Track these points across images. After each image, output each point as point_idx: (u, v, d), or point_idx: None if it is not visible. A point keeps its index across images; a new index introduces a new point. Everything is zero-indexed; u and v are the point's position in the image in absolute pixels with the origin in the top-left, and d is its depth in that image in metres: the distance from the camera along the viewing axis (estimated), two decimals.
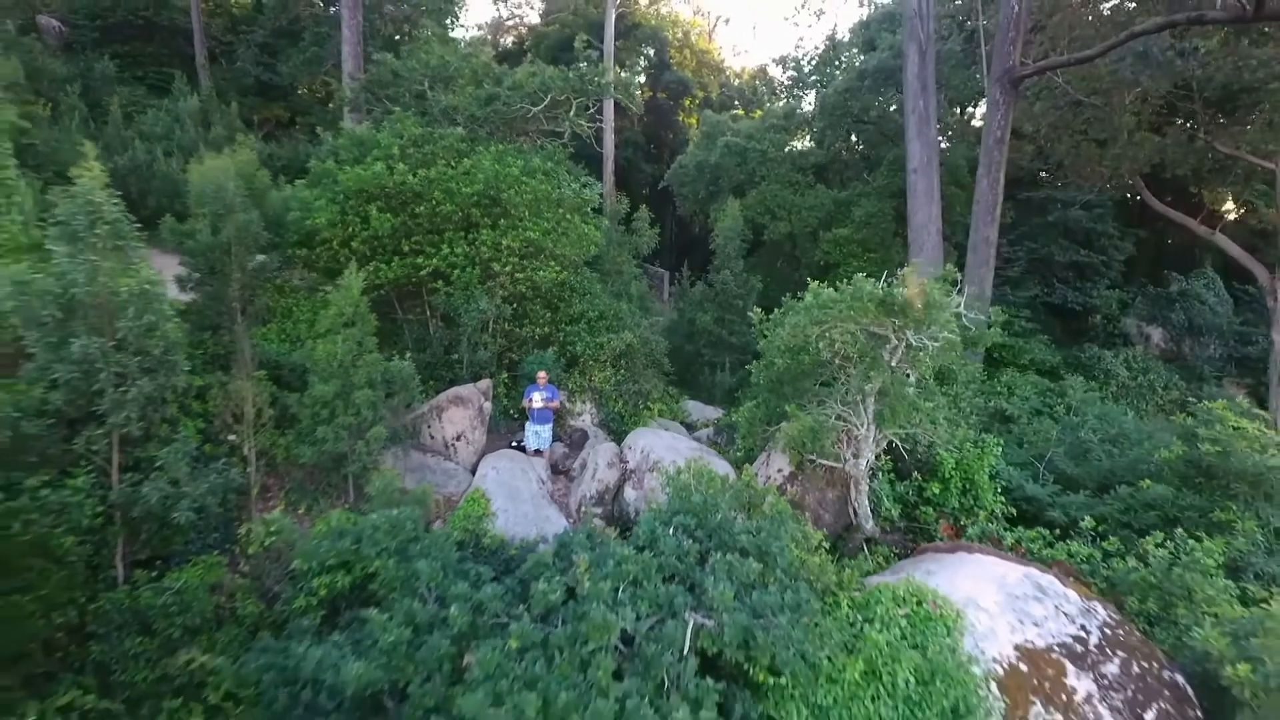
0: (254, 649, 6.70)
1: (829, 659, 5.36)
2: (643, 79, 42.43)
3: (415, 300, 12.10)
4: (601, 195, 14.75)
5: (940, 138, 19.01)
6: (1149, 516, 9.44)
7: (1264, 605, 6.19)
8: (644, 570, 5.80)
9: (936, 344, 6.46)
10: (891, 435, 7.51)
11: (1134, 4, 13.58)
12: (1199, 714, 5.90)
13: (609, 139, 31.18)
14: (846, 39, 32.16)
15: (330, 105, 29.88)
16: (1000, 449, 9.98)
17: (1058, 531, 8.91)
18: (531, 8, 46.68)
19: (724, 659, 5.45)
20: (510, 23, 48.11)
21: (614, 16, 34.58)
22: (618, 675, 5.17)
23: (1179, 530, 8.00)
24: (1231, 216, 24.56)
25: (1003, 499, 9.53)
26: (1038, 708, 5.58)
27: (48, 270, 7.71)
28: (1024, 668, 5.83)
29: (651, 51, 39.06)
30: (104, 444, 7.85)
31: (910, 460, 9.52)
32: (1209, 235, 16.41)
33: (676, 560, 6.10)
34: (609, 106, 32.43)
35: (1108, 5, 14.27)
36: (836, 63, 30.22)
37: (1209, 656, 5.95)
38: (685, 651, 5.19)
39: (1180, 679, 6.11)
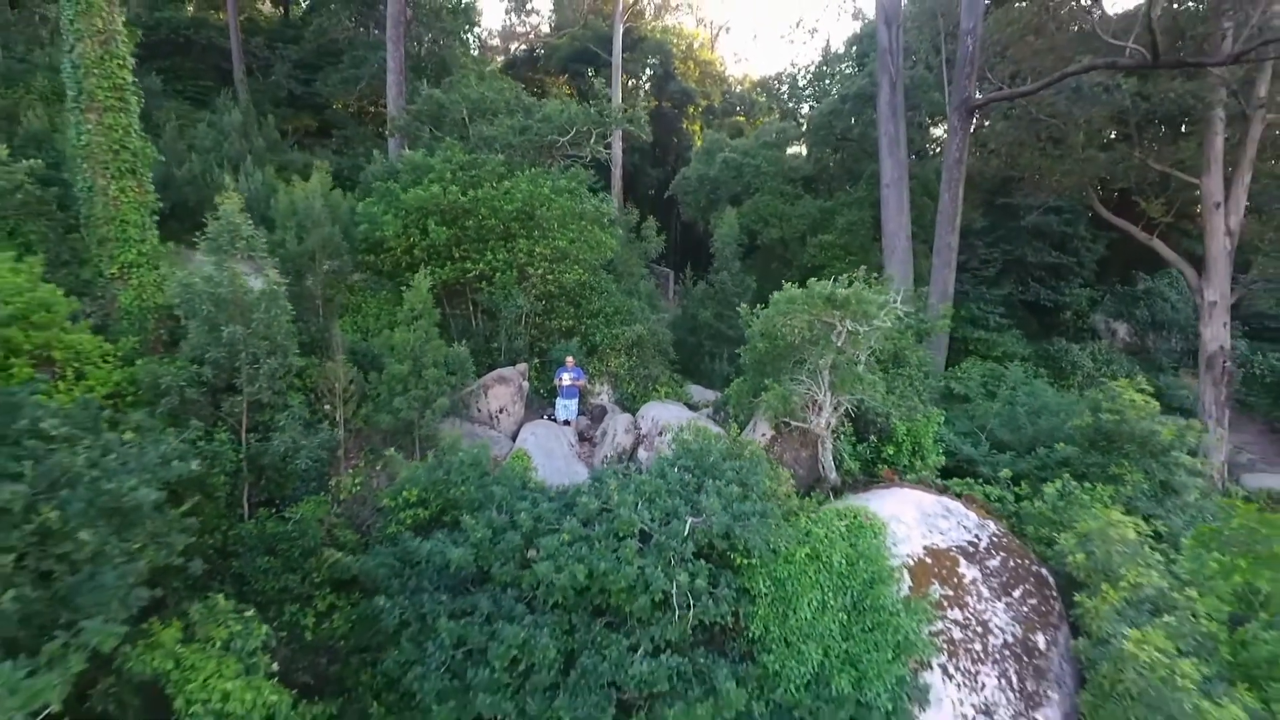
0: (370, 552, 9.06)
1: (785, 547, 7.68)
2: (648, 86, 44.77)
3: (461, 297, 14.44)
4: (613, 205, 17.04)
5: (912, 153, 21.28)
6: (1061, 471, 11.70)
7: (1102, 515, 8.46)
8: (657, 490, 8.12)
9: (869, 329, 8.76)
10: (844, 400, 9.81)
11: (1069, 43, 15.73)
12: (1054, 593, 8.21)
13: (617, 146, 33.45)
14: (841, 50, 34.48)
15: (364, 119, 32.19)
16: (943, 419, 12.29)
17: (981, 480, 11.20)
18: (541, 17, 48.89)
19: (713, 549, 7.78)
20: (521, 31, 50.31)
21: (621, 31, 36.80)
22: (639, 556, 7.48)
23: (1066, 477, 10.27)
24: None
25: (943, 458, 11.82)
26: (935, 586, 7.90)
27: (199, 274, 10.09)
28: (928, 560, 8.14)
29: (656, 61, 41.27)
30: (238, 409, 10.21)
31: (871, 428, 11.86)
32: (1147, 240, 18.60)
33: (679, 487, 8.41)
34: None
35: (1053, 42, 16.42)
36: (830, 77, 32.51)
37: (1064, 553, 8.25)
38: (685, 538, 7.51)
39: (1044, 571, 8.43)
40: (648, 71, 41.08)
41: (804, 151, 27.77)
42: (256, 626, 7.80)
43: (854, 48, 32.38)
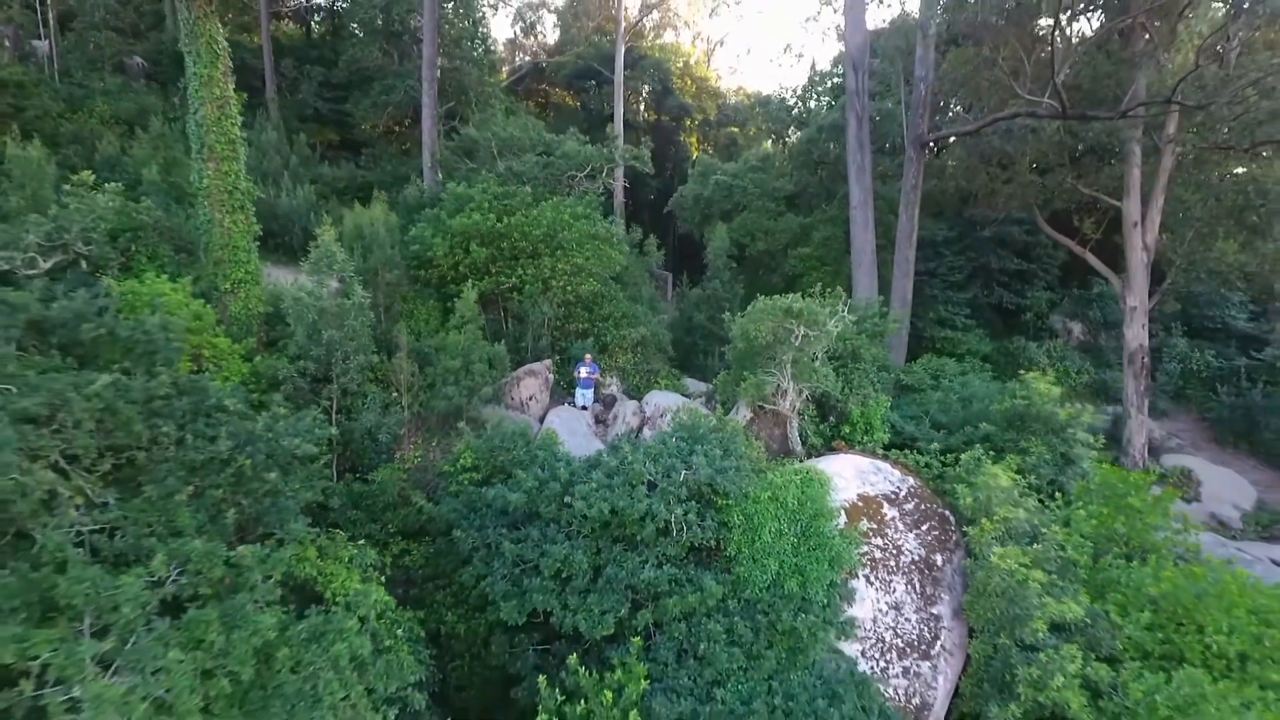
0: (443, 501, 11.91)
1: (753, 492, 10.55)
2: (648, 99, 47.59)
3: (494, 305, 17.30)
4: (619, 225, 19.86)
5: (881, 175, 24.13)
6: (983, 446, 14.58)
7: (987, 471, 11.36)
8: (660, 452, 10.99)
9: (819, 334, 11.62)
10: (804, 387, 12.70)
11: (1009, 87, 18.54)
12: (953, 527, 11.12)
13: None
14: (827, 69, 37.37)
15: (390, 138, 34.94)
16: (889, 404, 15.19)
17: (917, 451, 14.09)
18: (547, 31, 51.61)
19: (701, 493, 10.65)
20: (527, 44, 53.05)
21: (623, 50, 39.57)
22: (647, 497, 10.33)
23: (978, 448, 13.16)
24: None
25: (888, 434, 14.71)
26: (864, 521, 10.80)
27: (304, 289, 12.95)
28: (860, 504, 11.04)
29: (656, 78, 44.09)
30: (331, 395, 13.04)
31: (831, 411, 14.77)
32: (1081, 253, 21.47)
33: (677, 450, 11.27)
34: (619, 128, 37.65)
35: (999, 79, 19.21)
36: (817, 96, 35.39)
37: (960, 498, 11.14)
38: (680, 485, 10.38)
39: (947, 512, 11.34)
40: (647, 88, 43.92)
41: (788, 165, 30.68)
42: (368, 550, 10.65)
43: (838, 65, 35.28)
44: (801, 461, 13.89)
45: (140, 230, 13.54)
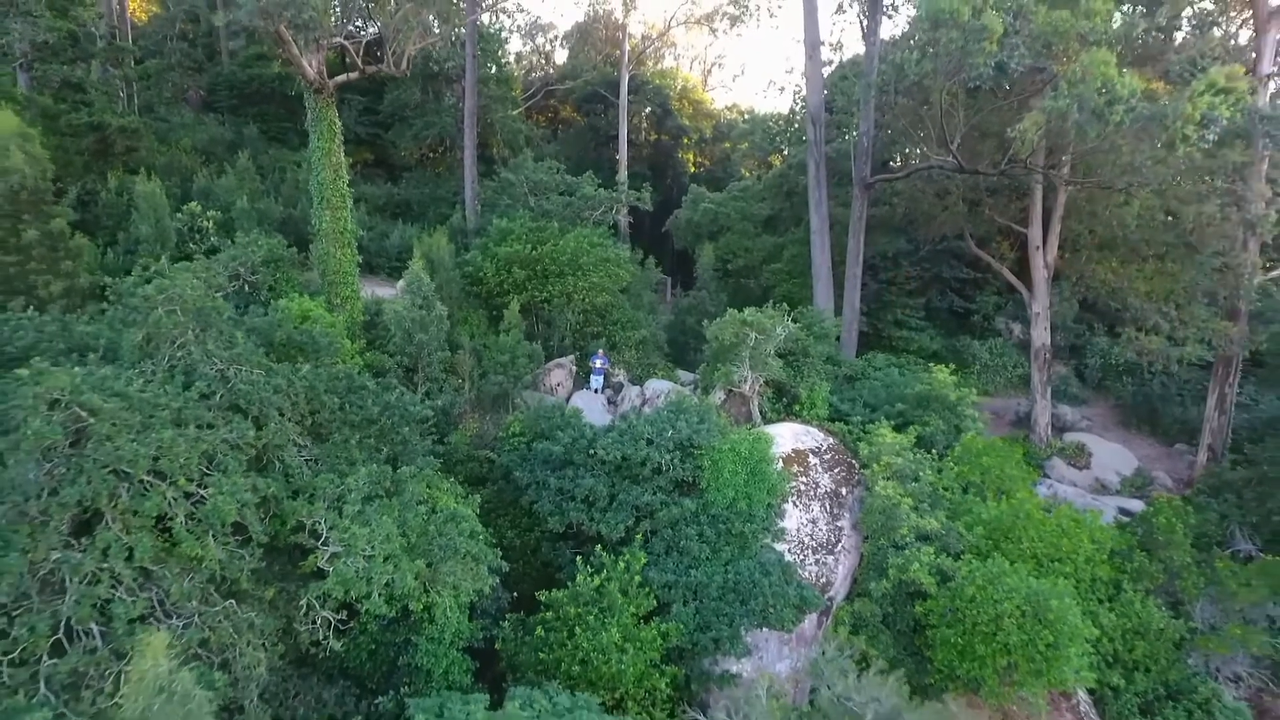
0: (504, 451, 16.93)
1: (719, 445, 15.56)
2: (649, 119, 52.43)
3: (529, 313, 22.31)
4: (626, 250, 24.88)
5: (841, 204, 29.11)
6: (898, 420, 19.57)
7: (881, 433, 16.35)
8: (656, 419, 15.99)
9: (766, 337, 16.63)
10: (760, 375, 17.72)
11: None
12: (857, 469, 16.16)
13: (623, 170, 41.21)
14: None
15: (425, 163, 39.80)
16: (829, 388, 20.21)
17: (846, 422, 19.09)
18: (552, 61, 56.35)
19: (684, 446, 15.66)
20: (538, 61, 57.78)
21: (627, 78, 44.40)
22: (647, 447, 15.30)
23: (882, 420, 18.17)
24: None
25: (827, 410, 19.73)
26: (795, 466, 15.83)
27: (398, 305, 17.97)
28: (793, 454, 16.07)
29: (656, 103, 48.93)
30: (417, 381, 18.04)
31: (785, 394, 19.81)
32: (999, 268, 26.40)
33: (668, 419, 16.26)
34: (624, 147, 42.63)
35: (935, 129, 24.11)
36: (795, 122, 40.26)
37: (862, 451, 16.16)
38: (669, 439, 15.38)
39: (854, 461, 16.39)
40: (648, 110, 48.81)
41: (766, 189, 35.73)
42: (456, 485, 15.67)
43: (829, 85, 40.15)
44: (756, 427, 18.93)
45: (280, 261, 18.57)
